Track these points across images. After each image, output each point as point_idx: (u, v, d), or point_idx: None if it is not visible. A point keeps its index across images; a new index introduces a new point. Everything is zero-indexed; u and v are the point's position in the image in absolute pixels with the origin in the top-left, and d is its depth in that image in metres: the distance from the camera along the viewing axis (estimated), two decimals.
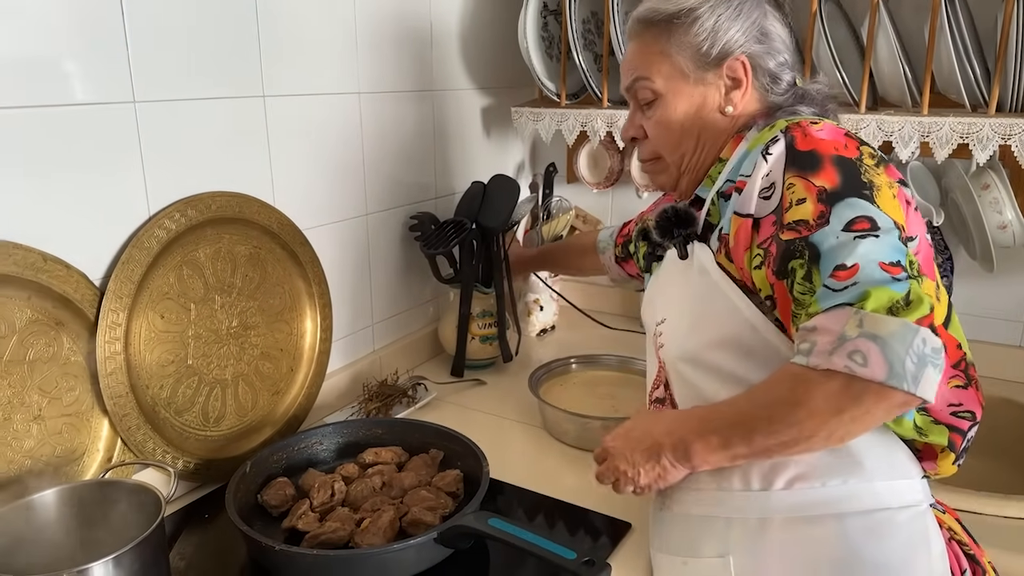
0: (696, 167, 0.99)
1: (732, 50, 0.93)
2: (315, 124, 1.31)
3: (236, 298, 1.19)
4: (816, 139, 0.84)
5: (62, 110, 0.96)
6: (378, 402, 1.40)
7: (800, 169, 0.83)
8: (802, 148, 0.84)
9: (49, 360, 0.98)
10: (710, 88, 0.95)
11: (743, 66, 0.94)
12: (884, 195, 0.81)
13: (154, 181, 1.07)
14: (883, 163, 0.86)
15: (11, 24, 0.90)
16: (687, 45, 0.94)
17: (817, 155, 0.83)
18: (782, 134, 0.86)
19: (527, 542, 0.88)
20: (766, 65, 0.95)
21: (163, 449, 1.09)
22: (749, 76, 0.94)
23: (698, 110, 0.96)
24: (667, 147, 0.99)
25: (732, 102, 0.95)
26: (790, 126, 0.87)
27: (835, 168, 0.81)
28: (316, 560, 0.93)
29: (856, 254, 0.76)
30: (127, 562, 0.81)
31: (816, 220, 0.79)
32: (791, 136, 0.85)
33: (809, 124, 0.86)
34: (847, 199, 0.79)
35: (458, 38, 1.64)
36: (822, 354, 0.73)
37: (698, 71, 0.94)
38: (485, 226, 1.53)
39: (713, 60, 0.94)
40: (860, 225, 0.78)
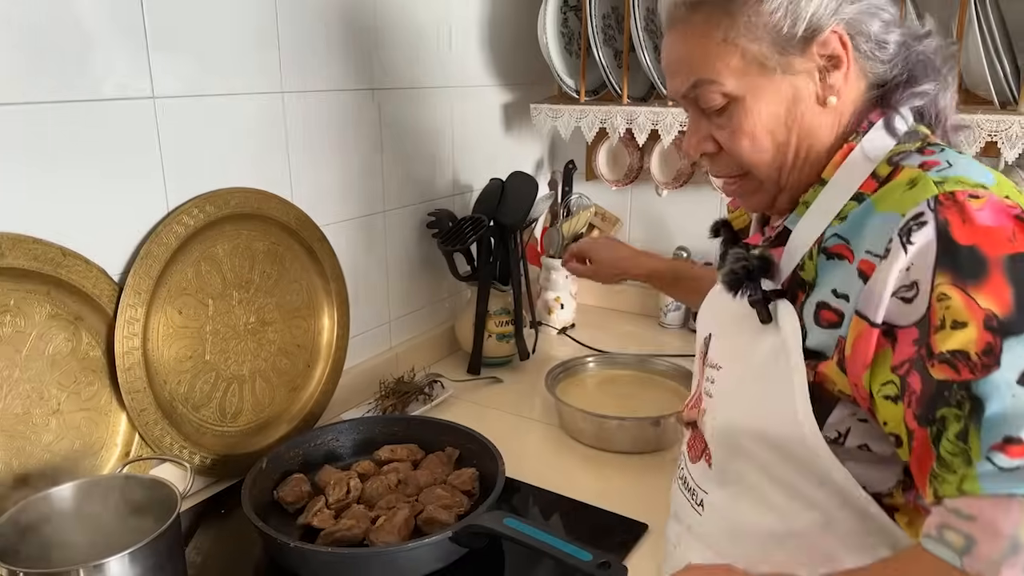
0: (799, 184, 0.77)
1: (824, 23, 0.71)
2: (334, 120, 1.31)
3: (254, 294, 1.19)
4: (979, 227, 0.61)
5: (82, 106, 0.96)
6: (394, 399, 1.40)
7: (958, 275, 0.61)
8: (961, 241, 0.61)
9: (68, 355, 0.99)
10: (800, 77, 0.72)
11: (839, 39, 0.71)
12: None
13: (173, 177, 1.08)
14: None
15: (30, 21, 0.90)
16: (760, 27, 0.71)
17: (981, 256, 0.60)
18: (930, 211, 0.63)
19: (543, 543, 0.87)
20: (869, 30, 0.72)
21: (180, 444, 1.09)
22: (850, 50, 0.72)
23: (790, 109, 0.73)
24: (758, 163, 0.76)
25: (834, 90, 0.73)
26: (943, 200, 0.63)
27: (1008, 280, 0.59)
28: (331, 558, 0.93)
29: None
30: (143, 557, 0.81)
31: (981, 357, 0.59)
32: (944, 220, 0.62)
33: (968, 198, 0.62)
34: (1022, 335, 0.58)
35: (477, 34, 1.63)
36: (988, 562, 0.56)
37: (784, 59, 0.72)
38: (503, 223, 1.53)
39: (799, 42, 0.71)
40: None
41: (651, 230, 1.89)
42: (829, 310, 0.69)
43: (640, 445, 1.25)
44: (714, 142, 0.78)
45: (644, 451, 1.25)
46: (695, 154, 0.81)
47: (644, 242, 1.90)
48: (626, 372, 1.49)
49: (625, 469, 1.21)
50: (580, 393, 1.40)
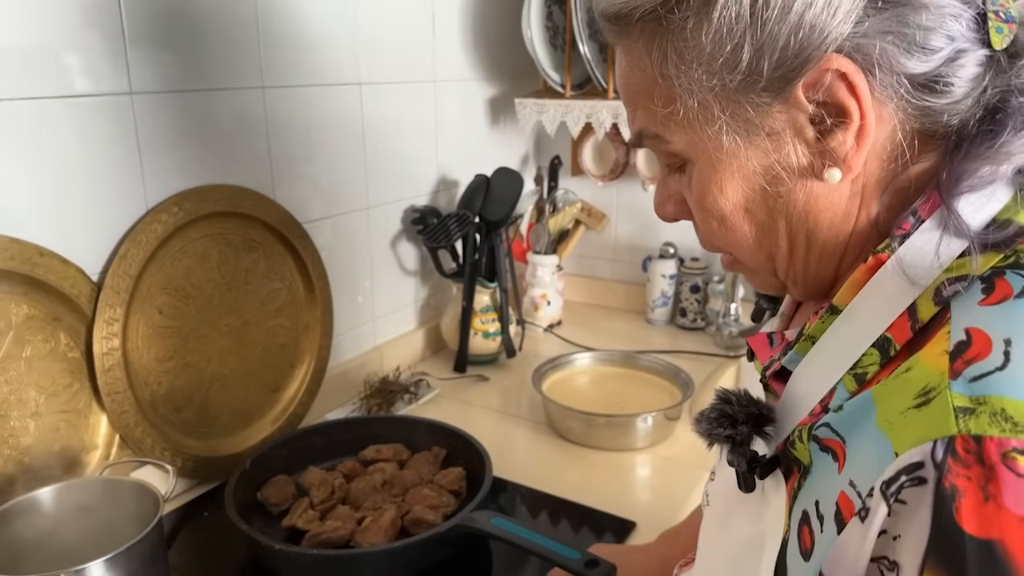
0: (807, 277, 0.55)
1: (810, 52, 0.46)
2: (315, 115, 1.30)
3: (235, 293, 1.17)
4: (1009, 514, 0.36)
5: (58, 102, 0.94)
6: (379, 398, 1.38)
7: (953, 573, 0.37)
8: (970, 531, 0.37)
9: (46, 356, 0.97)
10: (780, 138, 0.49)
11: (844, 78, 0.46)
12: None
13: (151, 174, 1.06)
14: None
15: (4, 14, 0.88)
16: (705, 70, 0.48)
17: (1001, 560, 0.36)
18: (934, 467, 0.38)
19: (531, 542, 0.86)
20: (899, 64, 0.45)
21: (161, 446, 1.07)
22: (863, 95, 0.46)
23: (769, 185, 0.50)
24: (736, 247, 0.56)
25: (836, 156, 0.48)
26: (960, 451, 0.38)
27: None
28: (316, 560, 0.92)
29: None
30: (125, 561, 0.80)
31: None
32: (950, 491, 0.38)
33: (1013, 454, 0.37)
34: None
35: (461, 28, 1.62)
36: None
37: (744, 114, 0.49)
38: (488, 220, 1.52)
39: (771, 85, 0.47)
40: None
41: (637, 225, 1.89)
42: (809, 530, 0.46)
43: (628, 442, 1.24)
44: (684, 207, 0.57)
45: (632, 448, 1.24)
46: (661, 217, 0.61)
47: (631, 237, 1.90)
48: (613, 369, 1.48)
49: (613, 467, 1.21)
50: (567, 390, 1.39)
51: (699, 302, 1.77)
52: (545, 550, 0.85)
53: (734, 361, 1.58)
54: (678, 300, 1.80)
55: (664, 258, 1.78)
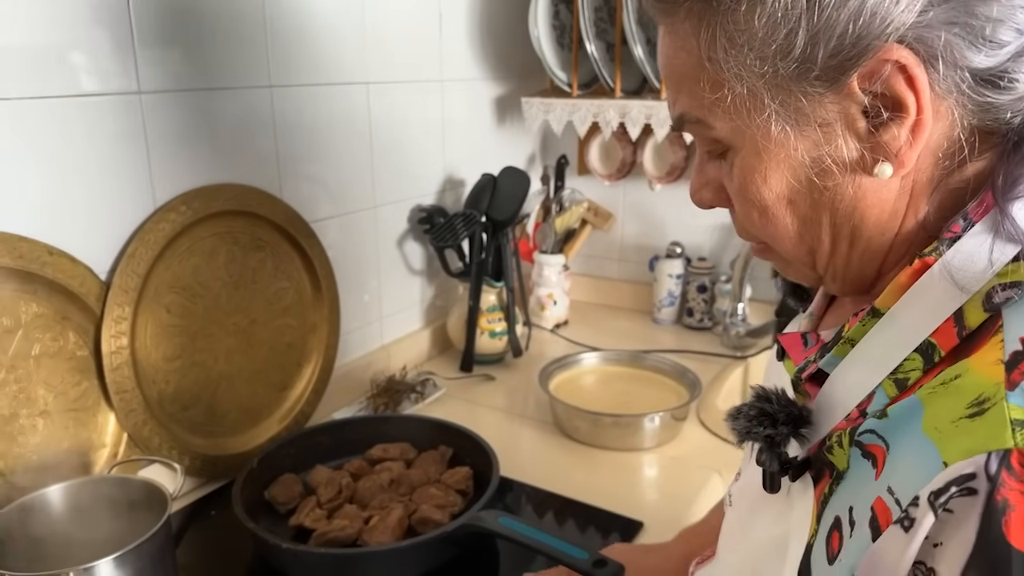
0: (847, 273, 0.53)
1: (869, 41, 0.43)
2: (322, 114, 1.30)
3: (243, 292, 1.17)
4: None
5: (67, 101, 0.94)
6: (386, 397, 1.39)
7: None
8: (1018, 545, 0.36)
9: (55, 355, 0.97)
10: (832, 130, 0.47)
11: (904, 71, 0.44)
12: None
13: (160, 173, 1.06)
14: None
15: (14, 14, 0.88)
16: (756, 55, 0.46)
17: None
18: (987, 480, 0.37)
19: (538, 542, 0.86)
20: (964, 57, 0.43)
21: (169, 445, 1.08)
22: (923, 89, 0.44)
23: (818, 178, 0.48)
24: (775, 239, 0.53)
25: (889, 150, 0.46)
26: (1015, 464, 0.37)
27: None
28: (324, 559, 0.92)
29: None
30: (133, 559, 0.80)
31: None
32: (1002, 505, 0.37)
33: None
34: None
35: (468, 27, 1.62)
36: None
37: (795, 103, 0.46)
38: (495, 219, 1.52)
39: (825, 74, 0.45)
40: None
41: (644, 225, 1.88)
42: (839, 535, 0.45)
43: (635, 442, 1.24)
44: (723, 195, 0.55)
45: (639, 448, 1.24)
46: (698, 204, 0.58)
47: (637, 236, 1.90)
48: (620, 369, 1.48)
49: (620, 466, 1.20)
50: (574, 390, 1.39)
51: (706, 302, 1.77)
52: (552, 550, 0.84)
53: (741, 361, 1.57)
54: (685, 300, 1.80)
55: (671, 258, 1.78)
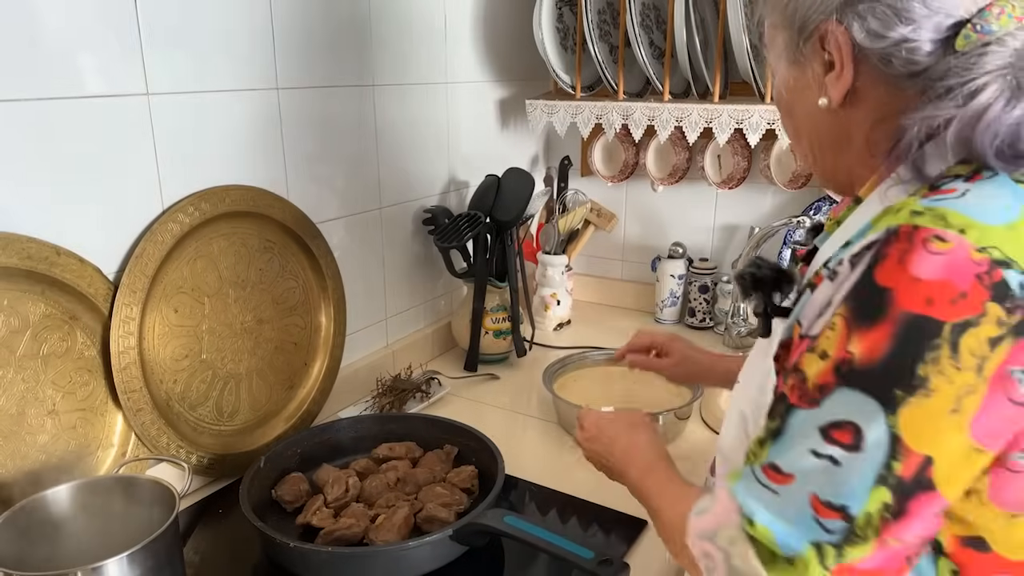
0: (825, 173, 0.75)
1: (817, 16, 0.66)
2: (329, 116, 1.30)
3: (250, 292, 1.18)
4: (909, 274, 0.54)
5: (75, 103, 0.95)
6: (392, 397, 1.39)
7: (853, 312, 0.57)
8: (879, 281, 0.56)
9: (63, 354, 0.98)
10: (807, 70, 0.69)
11: (835, 39, 0.65)
12: (931, 407, 0.54)
13: (168, 174, 1.07)
14: (1014, 336, 0.53)
15: (24, 16, 0.89)
16: (780, 15, 0.70)
17: (887, 303, 0.55)
18: (882, 241, 0.57)
19: (544, 541, 0.87)
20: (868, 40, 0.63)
21: (177, 444, 1.08)
22: (844, 50, 0.65)
23: (802, 99, 0.71)
24: (790, 136, 0.78)
25: (825, 90, 0.68)
26: (900, 233, 0.56)
27: (892, 335, 0.55)
28: (331, 557, 0.92)
29: (801, 468, 0.57)
30: (142, 558, 0.81)
31: (814, 391, 0.58)
32: (882, 255, 0.56)
33: (932, 238, 0.55)
34: (857, 391, 0.56)
35: (472, 29, 1.63)
36: (698, 532, 0.65)
37: (796, 49, 0.70)
38: (499, 220, 1.52)
39: (806, 33, 0.68)
40: (839, 435, 0.56)
41: (646, 226, 1.89)
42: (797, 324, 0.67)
43: None
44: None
45: None
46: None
47: (640, 237, 1.90)
48: (623, 368, 1.48)
49: None
50: (578, 389, 1.40)
51: (708, 302, 1.77)
52: (558, 549, 0.85)
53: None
54: (687, 300, 1.80)
55: (673, 258, 1.78)
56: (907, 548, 0.57)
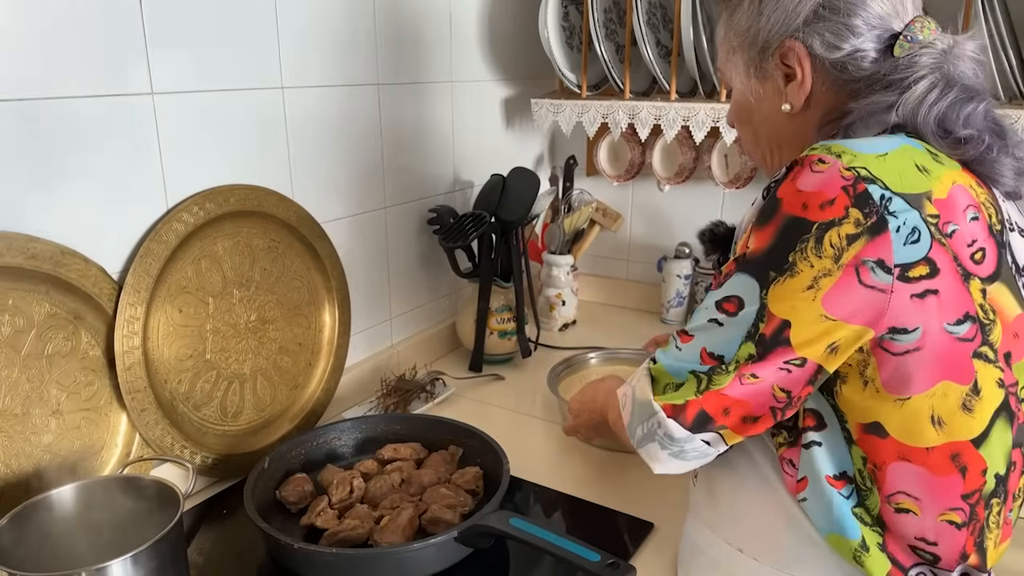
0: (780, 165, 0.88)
1: (780, 36, 0.80)
2: (334, 116, 1.30)
3: (254, 292, 1.18)
4: (794, 187, 0.70)
5: (80, 102, 0.95)
6: (396, 397, 1.39)
7: (758, 214, 0.73)
8: (777, 194, 0.72)
9: (68, 354, 0.98)
10: (768, 82, 0.83)
11: (796, 54, 0.79)
12: (793, 284, 0.69)
13: (172, 174, 1.06)
14: (869, 235, 0.67)
15: (28, 15, 0.88)
16: (742, 37, 0.83)
17: (777, 209, 0.71)
18: (786, 170, 0.73)
19: (549, 543, 0.86)
20: (826, 52, 0.78)
21: (181, 444, 1.08)
22: (804, 63, 0.79)
23: (760, 108, 0.85)
24: (746, 145, 0.92)
25: (788, 98, 0.82)
26: (799, 161, 0.72)
27: (775, 231, 0.71)
28: (335, 559, 0.92)
29: (698, 328, 0.76)
30: (146, 559, 0.80)
31: (722, 278, 0.75)
32: (783, 176, 0.73)
33: (816, 162, 0.70)
34: (746, 274, 0.72)
35: (478, 28, 1.62)
36: (623, 386, 0.86)
37: (757, 64, 0.83)
38: (504, 219, 1.51)
39: (767, 50, 0.82)
40: (728, 306, 0.73)
41: (652, 226, 1.88)
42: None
43: None
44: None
45: None
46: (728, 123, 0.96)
47: (646, 237, 1.89)
48: (628, 368, 1.47)
49: (629, 467, 1.20)
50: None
51: None
52: (564, 551, 0.84)
53: None
54: (693, 300, 1.79)
55: (679, 258, 1.77)
56: (761, 390, 0.72)
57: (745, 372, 0.72)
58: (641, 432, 0.79)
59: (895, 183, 0.69)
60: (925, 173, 0.71)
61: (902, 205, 0.68)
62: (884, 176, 0.69)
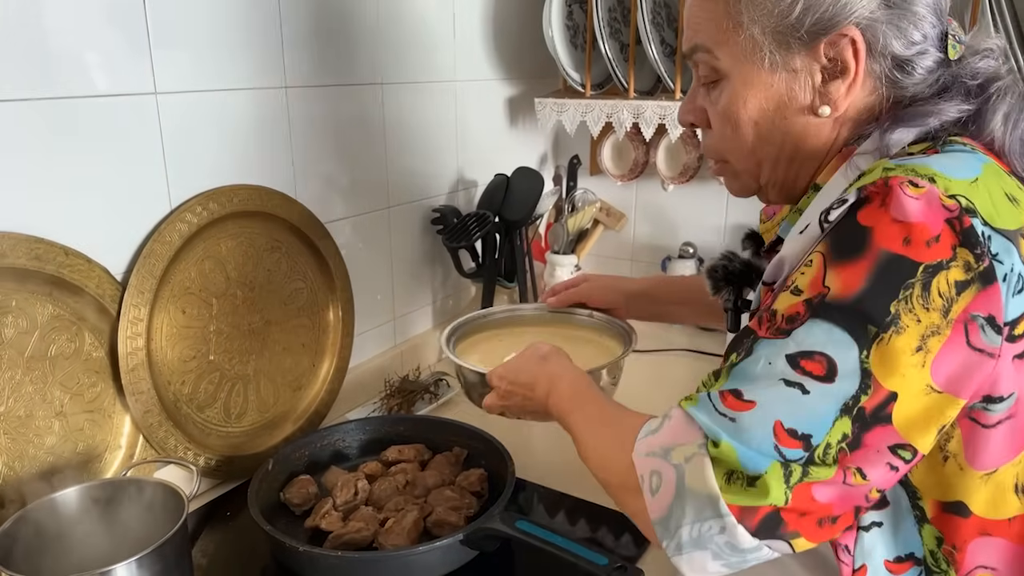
0: (784, 182, 0.74)
1: (838, 20, 0.63)
2: (337, 115, 1.29)
3: (258, 292, 1.17)
4: (888, 215, 0.56)
5: (83, 102, 0.94)
6: (400, 398, 1.38)
7: (832, 247, 0.59)
8: (860, 221, 0.58)
9: (71, 356, 0.97)
10: (798, 77, 0.67)
11: (853, 45, 0.64)
12: (900, 344, 0.55)
13: (176, 174, 1.06)
14: (980, 284, 0.55)
15: (32, 14, 0.88)
16: (766, 11, 0.65)
17: (866, 241, 0.57)
18: (856, 192, 0.59)
19: (558, 546, 0.86)
20: (891, 46, 0.64)
21: (184, 446, 1.07)
22: (862, 60, 0.65)
23: (779, 108, 0.68)
24: (735, 152, 0.73)
25: (830, 98, 0.66)
26: (877, 183, 0.58)
27: (869, 271, 0.56)
28: (340, 562, 0.91)
29: (764, 394, 0.58)
30: (151, 562, 0.80)
31: (782, 322, 0.60)
32: (863, 199, 0.58)
33: (906, 184, 0.57)
34: (831, 324, 0.57)
35: (481, 27, 1.61)
36: (646, 451, 0.64)
37: (782, 52, 0.66)
38: (508, 219, 1.51)
39: (805, 36, 0.64)
40: (811, 366, 0.57)
41: (656, 225, 1.87)
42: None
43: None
44: (704, 115, 0.75)
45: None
46: (684, 122, 0.78)
47: (650, 237, 1.89)
48: (534, 329, 1.22)
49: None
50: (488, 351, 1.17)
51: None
52: (572, 555, 0.84)
53: None
54: None
55: (683, 258, 1.77)
56: (858, 491, 0.58)
57: (849, 465, 0.57)
58: (689, 535, 0.60)
59: (991, 216, 0.58)
60: (1015, 204, 0.61)
61: (1003, 245, 0.57)
62: (981, 206, 0.58)
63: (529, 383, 0.88)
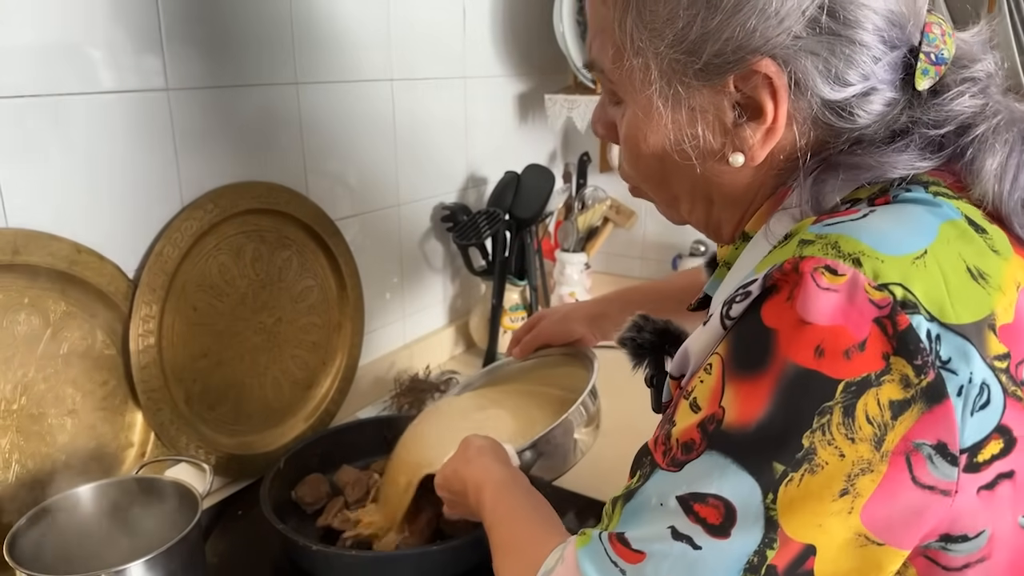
0: (708, 224, 0.62)
1: (748, 51, 0.49)
2: (347, 112, 1.29)
3: (269, 290, 1.17)
4: (792, 314, 0.44)
5: (94, 98, 0.94)
6: (410, 397, 1.38)
7: (732, 355, 0.47)
8: (765, 320, 0.46)
9: (83, 353, 0.97)
10: (704, 117, 0.53)
11: (769, 83, 0.50)
12: (815, 486, 0.43)
13: (187, 171, 1.05)
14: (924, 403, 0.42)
15: (44, 10, 0.87)
16: (656, 33, 0.51)
17: (769, 346, 0.45)
18: (762, 280, 0.46)
19: None
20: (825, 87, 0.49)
21: (196, 444, 1.07)
22: (782, 101, 0.50)
23: (683, 152, 0.54)
24: (647, 182, 0.62)
25: (745, 145, 0.52)
26: (785, 267, 0.45)
27: (772, 391, 0.44)
28: (355, 560, 0.91)
29: (653, 546, 0.47)
30: (164, 561, 0.80)
31: (676, 450, 0.48)
32: (773, 289, 0.46)
33: (822, 270, 0.44)
34: (729, 460, 0.45)
35: (492, 24, 1.61)
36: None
37: (679, 86, 0.52)
38: (519, 217, 1.50)
39: (706, 69, 0.50)
40: (704, 511, 0.45)
41: (667, 223, 1.85)
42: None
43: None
44: (613, 130, 0.61)
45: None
46: (593, 130, 0.66)
47: (660, 235, 1.88)
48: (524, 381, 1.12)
49: None
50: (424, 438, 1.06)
51: None
52: None
53: None
54: None
55: (694, 256, 1.76)
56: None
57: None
58: None
59: (940, 307, 0.44)
60: (982, 282, 0.46)
61: (957, 347, 0.43)
62: (926, 295, 0.44)
63: (462, 491, 0.78)
